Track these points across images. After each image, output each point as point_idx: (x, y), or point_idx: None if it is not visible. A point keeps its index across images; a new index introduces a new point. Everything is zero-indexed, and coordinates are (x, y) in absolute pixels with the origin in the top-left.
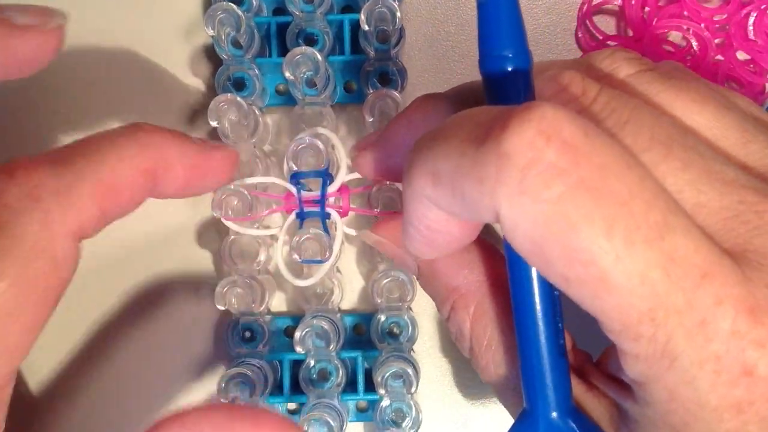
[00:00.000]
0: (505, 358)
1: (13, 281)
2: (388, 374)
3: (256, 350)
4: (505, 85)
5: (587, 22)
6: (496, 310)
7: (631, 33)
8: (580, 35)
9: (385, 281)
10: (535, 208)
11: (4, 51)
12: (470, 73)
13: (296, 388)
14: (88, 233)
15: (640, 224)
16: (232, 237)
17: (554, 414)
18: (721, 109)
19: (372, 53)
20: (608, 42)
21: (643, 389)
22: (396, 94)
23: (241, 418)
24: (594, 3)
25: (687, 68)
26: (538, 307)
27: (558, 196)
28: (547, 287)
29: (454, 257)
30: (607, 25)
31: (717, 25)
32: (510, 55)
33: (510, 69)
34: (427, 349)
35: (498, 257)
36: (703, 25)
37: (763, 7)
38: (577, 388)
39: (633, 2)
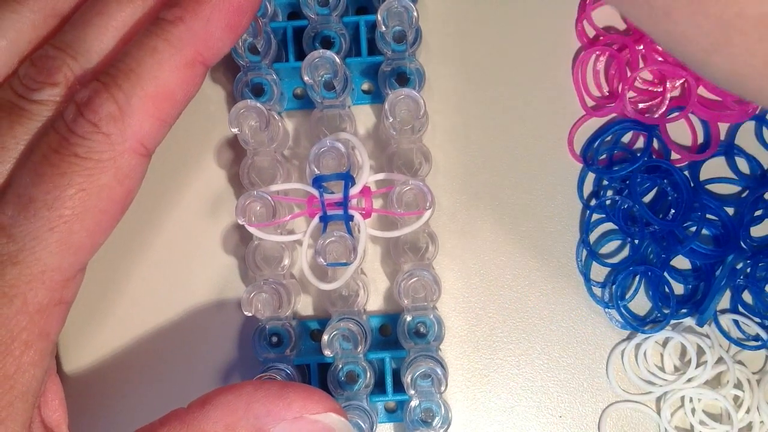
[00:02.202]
0: None
1: (78, 189)
2: (417, 374)
3: (283, 355)
4: None
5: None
6: None
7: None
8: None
9: (410, 281)
10: None
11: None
12: (489, 67)
13: (325, 392)
14: (154, 142)
15: None
16: (256, 242)
17: None
18: None
19: (389, 54)
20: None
21: None
22: (416, 93)
23: (294, 390)
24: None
25: None
26: None
27: None
28: None
29: None
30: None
31: None
32: None
33: None
34: (454, 347)
35: None
36: None
37: None
38: None
39: None
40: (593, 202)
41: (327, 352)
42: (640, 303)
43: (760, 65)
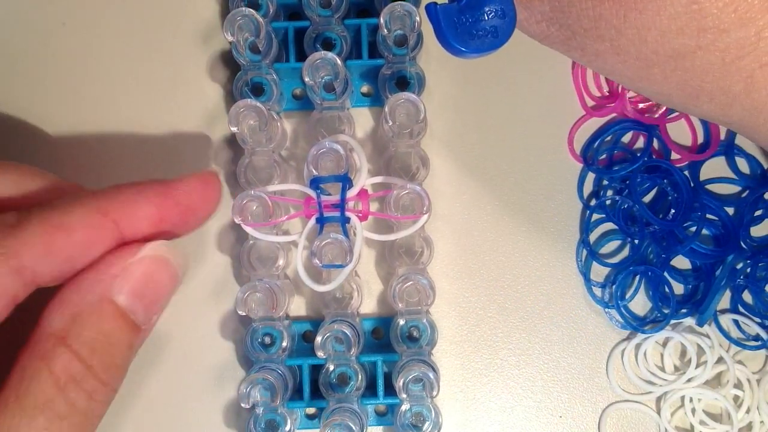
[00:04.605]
0: None
1: None
2: (409, 378)
3: (275, 355)
4: None
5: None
6: None
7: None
8: None
9: (405, 285)
10: None
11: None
12: (488, 67)
13: (316, 393)
14: (36, 269)
15: None
16: (251, 242)
17: None
18: None
19: (390, 57)
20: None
21: None
22: (416, 97)
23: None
24: None
25: None
26: None
27: None
28: None
29: None
30: None
31: None
32: None
33: None
34: (454, 347)
35: None
36: None
37: None
38: None
39: None
40: (593, 202)
41: (320, 354)
42: (640, 303)
43: (674, 86)
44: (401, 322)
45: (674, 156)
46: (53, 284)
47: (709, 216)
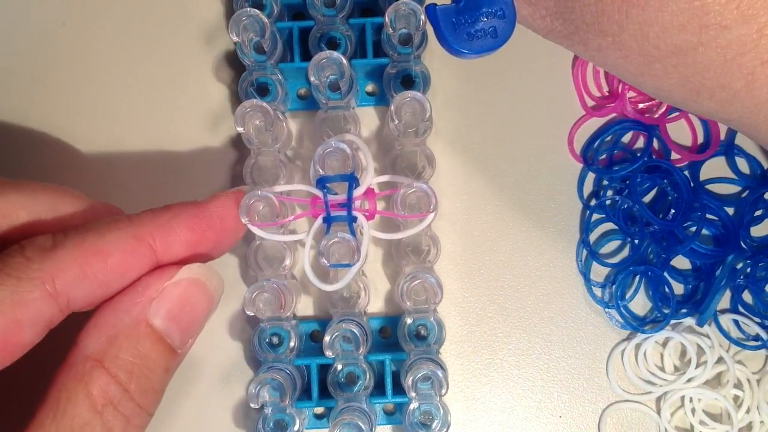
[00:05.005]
0: None
1: None
2: (417, 377)
3: (283, 355)
4: None
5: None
6: None
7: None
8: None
9: (412, 284)
10: None
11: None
12: (489, 68)
13: (324, 393)
14: (70, 293)
15: None
16: (258, 242)
17: None
18: None
19: (395, 56)
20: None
21: None
22: (422, 95)
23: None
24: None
25: None
26: None
27: None
28: None
29: None
30: None
31: None
32: None
33: None
34: (454, 347)
35: None
36: None
37: None
38: None
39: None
40: (593, 202)
41: (328, 353)
42: (640, 303)
43: (675, 82)
44: (409, 320)
45: (674, 156)
46: (87, 309)
47: (709, 216)
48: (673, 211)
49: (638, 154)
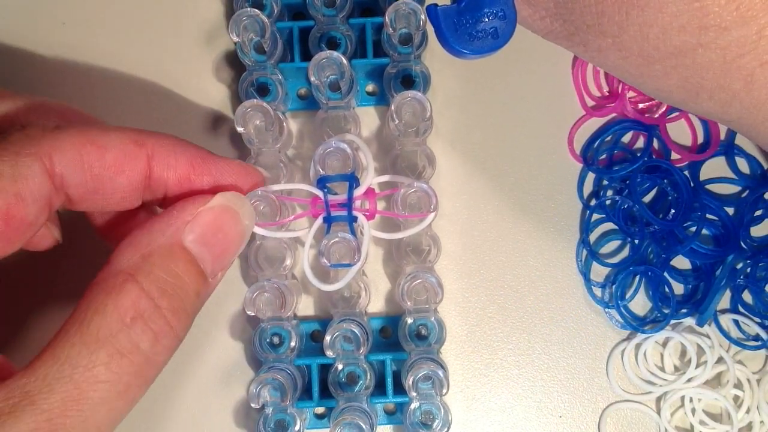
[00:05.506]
0: None
1: None
2: (418, 376)
3: (284, 355)
4: None
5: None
6: None
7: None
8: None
9: (413, 284)
10: None
11: None
12: (489, 68)
13: (325, 393)
14: (65, 175)
15: None
16: (259, 242)
17: None
18: None
19: (395, 56)
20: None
21: None
22: (422, 95)
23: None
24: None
25: None
26: None
27: None
28: None
29: None
30: None
31: None
32: None
33: None
34: (454, 347)
35: None
36: None
37: None
38: None
39: None
40: (593, 202)
41: (329, 353)
42: (640, 303)
43: (674, 83)
44: (409, 320)
45: (674, 156)
46: (79, 204)
47: (709, 216)
48: (673, 211)
49: (638, 154)
